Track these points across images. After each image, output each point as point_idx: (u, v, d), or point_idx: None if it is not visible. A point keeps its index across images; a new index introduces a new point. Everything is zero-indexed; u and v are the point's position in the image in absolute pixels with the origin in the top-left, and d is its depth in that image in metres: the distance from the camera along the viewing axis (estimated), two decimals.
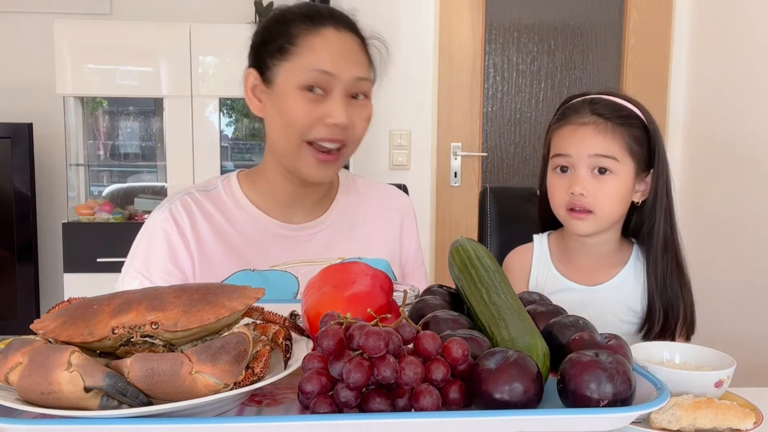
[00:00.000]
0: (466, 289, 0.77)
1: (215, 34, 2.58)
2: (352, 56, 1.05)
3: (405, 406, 0.57)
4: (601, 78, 2.98)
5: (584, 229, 1.10)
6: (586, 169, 1.09)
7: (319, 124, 1.02)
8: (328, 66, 1.01)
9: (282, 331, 0.68)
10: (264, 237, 1.11)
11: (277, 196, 1.13)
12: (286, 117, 1.03)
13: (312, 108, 1.02)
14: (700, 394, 0.76)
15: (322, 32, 1.04)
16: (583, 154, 1.09)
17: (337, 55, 1.03)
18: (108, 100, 2.90)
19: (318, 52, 1.02)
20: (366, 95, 1.07)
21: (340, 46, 1.04)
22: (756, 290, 2.29)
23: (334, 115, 1.01)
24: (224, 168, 2.71)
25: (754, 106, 2.41)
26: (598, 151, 1.08)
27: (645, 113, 1.13)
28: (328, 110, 1.02)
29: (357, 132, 1.06)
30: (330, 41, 1.04)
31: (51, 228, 2.83)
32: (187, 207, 1.09)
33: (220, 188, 1.14)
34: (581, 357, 0.61)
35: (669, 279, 1.12)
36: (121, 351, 0.62)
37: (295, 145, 1.04)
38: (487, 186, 1.56)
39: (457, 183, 2.97)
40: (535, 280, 1.19)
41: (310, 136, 1.03)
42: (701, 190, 2.71)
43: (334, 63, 1.02)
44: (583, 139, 1.09)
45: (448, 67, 2.92)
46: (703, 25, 2.83)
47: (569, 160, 1.10)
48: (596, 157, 1.08)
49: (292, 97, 1.02)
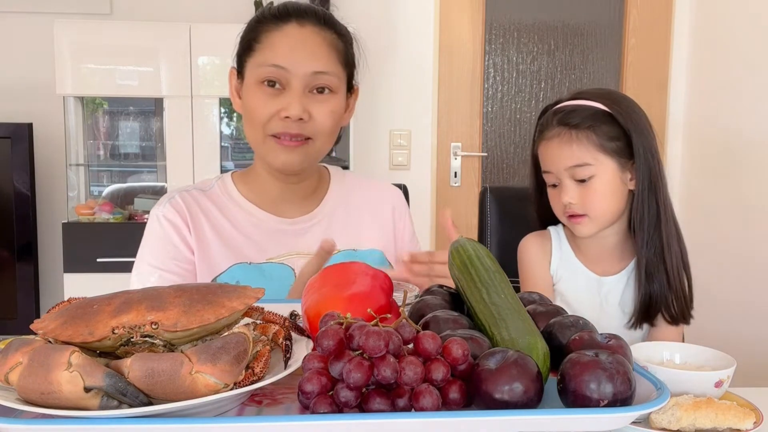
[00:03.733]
0: (466, 289, 0.77)
1: (215, 34, 2.58)
2: (311, 50, 1.07)
3: (405, 406, 0.57)
4: (601, 78, 2.99)
5: (585, 231, 1.15)
6: (569, 179, 1.12)
7: (276, 117, 1.05)
8: (282, 60, 1.05)
9: (282, 331, 0.68)
10: (260, 231, 1.14)
11: (269, 193, 1.16)
12: (248, 111, 1.08)
13: (268, 101, 1.05)
14: (700, 394, 0.76)
15: (283, 28, 1.07)
16: (559, 168, 1.12)
17: (293, 49, 1.05)
18: (108, 100, 2.89)
19: (275, 47, 1.06)
20: (331, 89, 1.08)
21: (298, 40, 1.06)
22: (756, 290, 2.29)
23: (287, 109, 1.04)
24: (224, 168, 2.71)
25: (754, 106, 2.41)
26: (571, 163, 1.11)
27: (615, 106, 1.12)
28: (283, 104, 1.05)
29: (320, 126, 1.08)
30: (289, 36, 1.06)
31: (51, 228, 2.82)
32: (186, 201, 1.13)
33: (216, 187, 1.18)
34: (581, 357, 0.61)
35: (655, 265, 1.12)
36: (121, 351, 0.62)
37: (261, 138, 1.08)
38: (487, 186, 1.56)
39: (457, 183, 2.97)
40: (556, 263, 1.22)
41: (270, 129, 1.07)
42: (701, 190, 2.71)
43: (288, 57, 1.05)
44: (554, 153, 1.13)
45: (448, 67, 2.92)
46: (703, 24, 2.83)
47: (552, 175, 1.14)
48: (571, 169, 1.11)
49: (253, 91, 1.07)
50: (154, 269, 1.10)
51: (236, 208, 1.15)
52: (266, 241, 1.13)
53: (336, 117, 1.10)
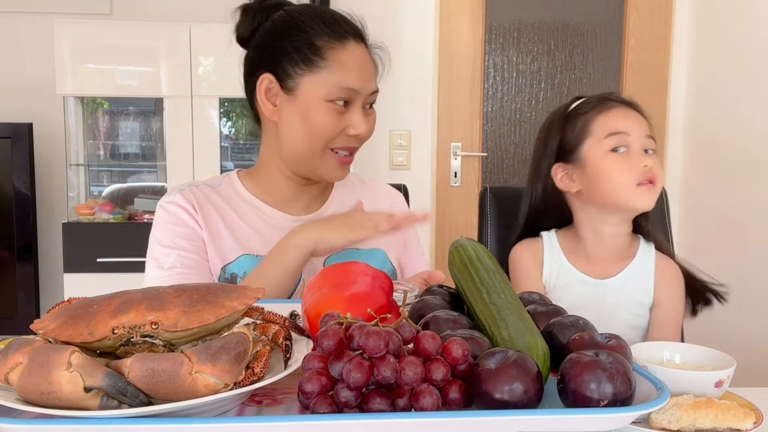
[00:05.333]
0: (466, 289, 0.77)
1: (215, 34, 2.58)
2: (371, 72, 1.12)
3: (405, 406, 0.57)
4: (601, 78, 2.98)
5: (653, 200, 1.13)
6: (642, 148, 1.13)
7: (343, 134, 1.09)
8: (355, 84, 1.08)
9: (282, 331, 0.68)
10: (267, 226, 1.16)
11: (277, 192, 1.18)
12: (312, 126, 1.08)
13: (338, 119, 1.08)
14: (700, 394, 0.76)
15: (347, 46, 1.09)
16: (640, 133, 1.13)
17: (361, 72, 1.10)
18: (108, 100, 2.89)
19: (347, 69, 1.08)
20: (372, 104, 1.15)
21: (363, 63, 1.11)
22: (756, 290, 2.29)
23: (357, 128, 1.09)
24: (224, 168, 2.71)
25: (754, 106, 2.41)
26: (648, 132, 1.14)
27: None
28: (351, 122, 1.09)
29: (367, 137, 1.14)
30: (355, 57, 1.10)
31: (51, 228, 2.82)
32: (195, 194, 1.15)
33: (223, 184, 1.20)
34: (581, 357, 0.61)
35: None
36: (121, 351, 0.62)
37: (319, 152, 1.10)
38: (487, 186, 1.56)
39: (457, 183, 2.97)
40: (548, 271, 1.20)
41: (333, 144, 1.10)
42: (701, 190, 2.71)
43: (360, 80, 1.09)
44: (635, 119, 1.14)
45: (448, 67, 2.92)
46: (703, 25, 2.83)
47: (627, 138, 1.12)
48: (647, 138, 1.13)
49: (318, 108, 1.08)
50: (171, 250, 1.10)
51: (243, 203, 1.17)
52: (272, 236, 1.14)
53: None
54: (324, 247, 1.03)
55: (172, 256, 1.09)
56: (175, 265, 1.08)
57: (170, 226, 1.12)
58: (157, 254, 1.11)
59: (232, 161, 2.91)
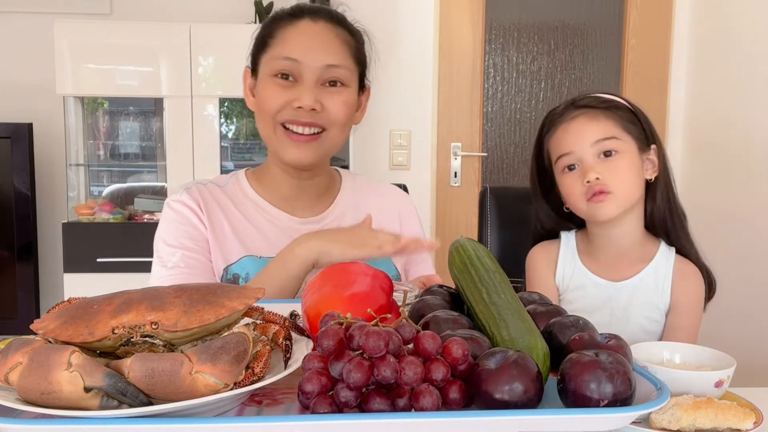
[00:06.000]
0: (466, 289, 0.77)
1: (215, 34, 2.58)
2: (323, 44, 1.10)
3: (405, 406, 0.57)
4: (601, 78, 2.99)
5: (608, 211, 1.11)
6: (593, 157, 1.11)
7: (288, 107, 1.08)
8: (295, 53, 1.08)
9: (282, 331, 0.68)
10: (272, 228, 1.16)
11: (281, 191, 1.18)
12: (261, 103, 1.11)
13: (281, 92, 1.08)
14: (700, 394, 0.76)
15: (296, 24, 1.10)
16: (584, 145, 1.11)
17: (306, 43, 1.09)
18: (108, 100, 2.89)
19: (289, 41, 1.09)
20: (343, 82, 1.11)
21: (311, 35, 1.10)
22: (756, 290, 2.29)
23: (300, 99, 1.07)
24: (224, 168, 2.71)
25: (754, 106, 2.41)
26: (598, 137, 1.11)
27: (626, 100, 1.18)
28: (296, 94, 1.07)
29: (334, 116, 1.10)
30: (302, 31, 1.10)
31: (51, 228, 2.82)
32: (202, 192, 1.15)
33: (230, 183, 1.20)
34: (581, 357, 0.61)
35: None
36: (121, 351, 0.62)
37: (271, 129, 1.10)
38: (487, 186, 1.56)
39: (457, 183, 2.97)
40: (562, 273, 1.20)
41: (280, 118, 1.09)
42: (701, 190, 2.71)
43: (301, 51, 1.08)
44: (578, 130, 1.12)
45: (448, 67, 2.92)
46: (703, 24, 2.83)
47: (573, 156, 1.12)
48: (598, 143, 1.11)
49: (266, 84, 1.10)
50: (176, 249, 1.10)
51: (250, 203, 1.17)
52: (277, 238, 1.14)
53: (349, 109, 1.12)
54: (326, 260, 1.02)
55: (176, 255, 1.09)
56: (178, 265, 1.08)
57: (176, 225, 1.12)
58: (161, 253, 1.11)
59: (232, 161, 2.90)
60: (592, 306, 1.16)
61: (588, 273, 1.17)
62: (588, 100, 1.15)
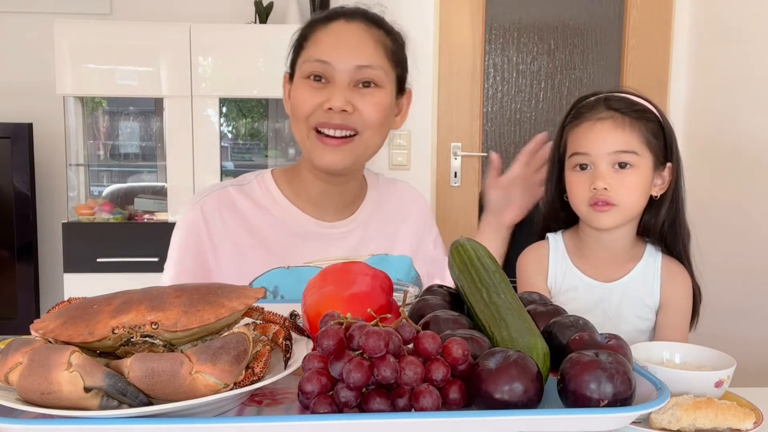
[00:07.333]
0: (466, 289, 0.77)
1: (215, 34, 2.58)
2: (355, 45, 1.07)
3: (405, 406, 0.57)
4: (601, 78, 2.98)
5: (608, 222, 1.10)
6: (607, 165, 1.09)
7: (319, 109, 1.05)
8: (326, 55, 1.05)
9: (282, 331, 0.68)
10: (299, 233, 1.13)
11: (310, 195, 1.14)
12: (294, 106, 1.09)
13: (313, 94, 1.06)
14: (700, 394, 0.76)
15: (330, 26, 1.08)
16: (602, 152, 1.09)
17: (336, 45, 1.06)
18: (108, 100, 2.89)
19: (321, 43, 1.07)
20: (377, 84, 1.07)
21: (343, 36, 1.07)
22: (756, 290, 2.29)
23: (330, 100, 1.04)
24: (224, 168, 2.71)
25: (754, 106, 2.41)
26: (618, 148, 1.09)
27: (657, 109, 1.16)
28: (327, 96, 1.04)
29: (367, 118, 1.06)
30: (334, 33, 1.08)
31: (51, 228, 2.82)
32: (220, 202, 1.11)
33: (254, 183, 1.16)
34: (581, 357, 0.61)
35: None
36: (121, 351, 0.62)
37: (304, 132, 1.08)
38: None
39: (457, 183, 2.97)
40: (554, 275, 1.19)
41: (312, 121, 1.06)
42: (701, 190, 2.71)
43: (332, 52, 1.05)
44: (601, 134, 1.10)
45: (448, 67, 2.92)
46: (703, 24, 2.83)
47: (588, 158, 1.11)
48: (616, 154, 1.09)
49: (298, 86, 1.08)
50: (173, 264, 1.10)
51: (274, 205, 1.14)
52: (303, 243, 1.12)
53: (383, 111, 1.08)
54: None
55: (172, 271, 1.09)
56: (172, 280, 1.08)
57: (182, 249, 1.10)
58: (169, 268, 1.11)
59: (232, 161, 2.90)
60: (585, 307, 1.15)
61: (580, 274, 1.17)
62: (620, 104, 1.12)
